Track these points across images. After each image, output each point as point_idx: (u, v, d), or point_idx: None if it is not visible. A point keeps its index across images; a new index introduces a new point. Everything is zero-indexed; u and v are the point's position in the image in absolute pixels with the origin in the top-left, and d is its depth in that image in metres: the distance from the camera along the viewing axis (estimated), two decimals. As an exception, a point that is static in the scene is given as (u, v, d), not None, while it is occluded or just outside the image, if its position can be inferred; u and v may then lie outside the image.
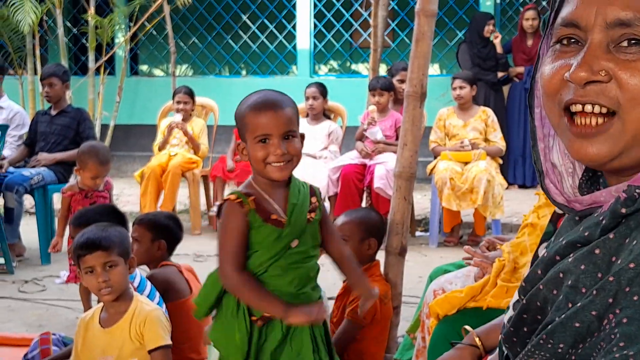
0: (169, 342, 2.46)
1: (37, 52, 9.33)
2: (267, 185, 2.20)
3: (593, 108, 0.92)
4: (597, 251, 0.91)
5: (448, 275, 2.62)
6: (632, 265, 0.84)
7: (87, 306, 3.77)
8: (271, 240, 2.16)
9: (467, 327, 1.56)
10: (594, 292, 0.87)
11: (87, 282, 2.46)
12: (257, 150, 2.14)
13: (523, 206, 6.67)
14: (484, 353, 1.48)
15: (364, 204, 6.00)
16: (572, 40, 0.95)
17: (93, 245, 2.42)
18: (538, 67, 1.03)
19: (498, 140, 6.07)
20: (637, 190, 0.90)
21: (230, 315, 2.20)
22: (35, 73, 8.81)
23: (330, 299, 3.20)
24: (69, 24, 10.26)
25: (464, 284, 2.42)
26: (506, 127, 7.62)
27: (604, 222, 0.92)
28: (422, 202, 7.01)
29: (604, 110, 0.92)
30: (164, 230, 3.16)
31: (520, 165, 8.16)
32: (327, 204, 5.89)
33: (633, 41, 0.90)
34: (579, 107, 0.93)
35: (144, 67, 11.38)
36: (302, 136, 2.22)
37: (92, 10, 9.01)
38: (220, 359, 2.24)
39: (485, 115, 6.12)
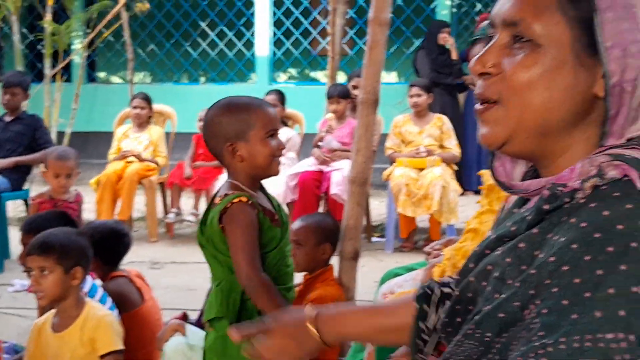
0: (122, 346, 2.46)
1: (-8, 58, 9.22)
2: (253, 187, 2.22)
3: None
4: (521, 245, 0.96)
5: (398, 278, 2.67)
6: (552, 259, 0.88)
7: (42, 314, 3.73)
8: (277, 240, 2.20)
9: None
10: (517, 284, 0.91)
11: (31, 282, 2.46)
12: (268, 145, 2.17)
13: (478, 212, 6.76)
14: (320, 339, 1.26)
15: (321, 211, 6.03)
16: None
17: (33, 248, 2.42)
18: None
19: (453, 146, 6.16)
20: (559, 188, 0.95)
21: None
22: (-10, 79, 8.68)
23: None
24: (25, 31, 10.14)
25: (412, 287, 2.46)
26: (462, 133, 7.71)
27: (529, 217, 0.98)
28: (378, 208, 7.06)
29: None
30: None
31: (475, 171, 8.26)
32: (285, 210, 5.89)
33: (523, 39, 0.98)
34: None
35: (101, 74, 11.29)
36: None
37: (48, 16, 8.91)
38: None
39: (440, 122, 6.21)
